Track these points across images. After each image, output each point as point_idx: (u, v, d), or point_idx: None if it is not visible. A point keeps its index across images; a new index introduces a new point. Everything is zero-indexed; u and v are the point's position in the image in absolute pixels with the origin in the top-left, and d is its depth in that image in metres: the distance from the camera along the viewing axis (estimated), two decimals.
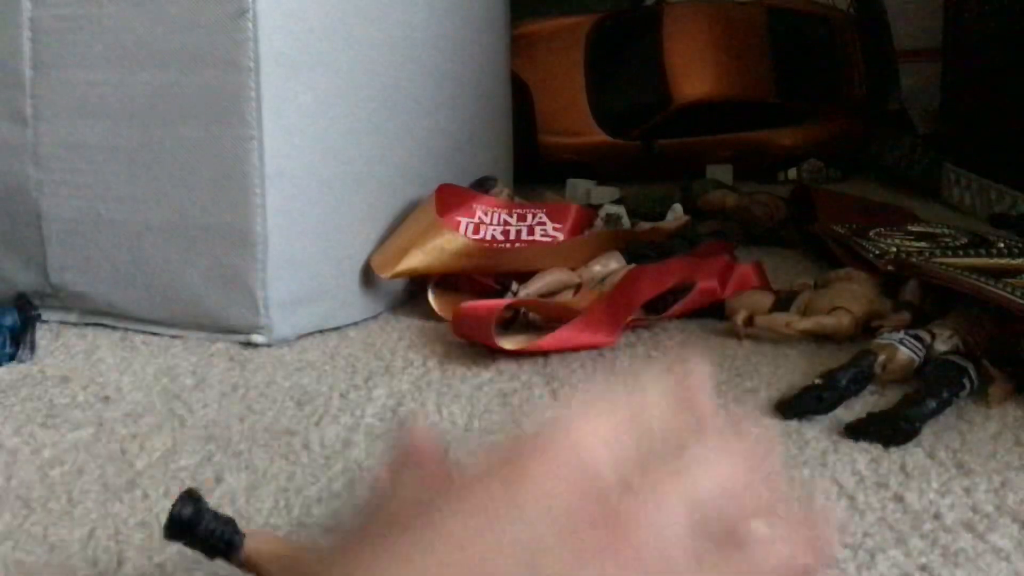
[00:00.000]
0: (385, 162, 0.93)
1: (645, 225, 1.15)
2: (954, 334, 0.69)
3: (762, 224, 1.20)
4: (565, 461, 0.23)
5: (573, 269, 0.92)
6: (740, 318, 0.79)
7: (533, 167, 1.64)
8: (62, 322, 0.85)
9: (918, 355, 0.67)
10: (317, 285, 0.84)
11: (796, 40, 1.84)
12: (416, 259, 0.89)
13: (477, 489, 0.23)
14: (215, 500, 0.51)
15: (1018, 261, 0.84)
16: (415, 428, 0.30)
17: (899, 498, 0.51)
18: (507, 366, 0.73)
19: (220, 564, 0.45)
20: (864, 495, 0.51)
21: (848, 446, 0.57)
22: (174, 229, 0.81)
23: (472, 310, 0.78)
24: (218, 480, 0.55)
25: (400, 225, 0.93)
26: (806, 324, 0.77)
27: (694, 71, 1.79)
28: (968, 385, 0.63)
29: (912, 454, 0.56)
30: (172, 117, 0.79)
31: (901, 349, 0.67)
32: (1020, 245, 0.92)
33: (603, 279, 0.90)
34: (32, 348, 0.77)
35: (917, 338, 0.68)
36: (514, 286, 0.87)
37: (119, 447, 0.60)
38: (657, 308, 0.84)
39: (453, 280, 0.92)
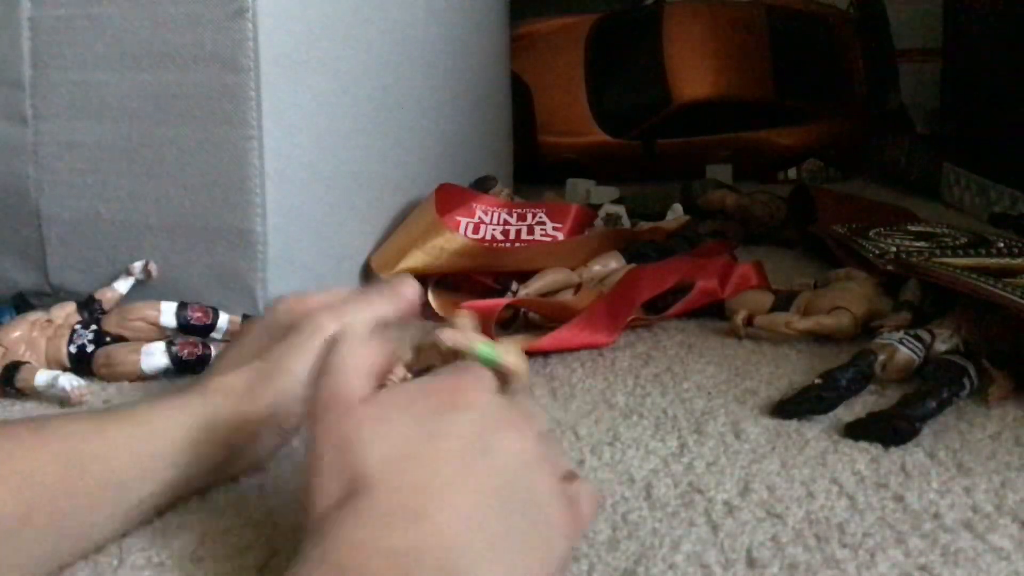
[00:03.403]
0: (385, 162, 0.93)
1: (645, 225, 1.15)
2: (954, 334, 0.69)
3: (762, 224, 1.20)
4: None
5: (573, 269, 0.92)
6: (740, 318, 0.79)
7: (533, 167, 1.64)
8: None
9: (918, 355, 0.67)
10: (317, 285, 0.84)
11: (796, 40, 1.84)
12: (416, 259, 0.89)
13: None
14: (216, 499, 0.51)
15: (1018, 261, 0.84)
16: None
17: (899, 498, 0.51)
18: None
19: (218, 563, 0.45)
20: (864, 495, 0.51)
21: (848, 446, 0.57)
22: (174, 229, 0.81)
23: (472, 310, 0.78)
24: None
25: (400, 225, 0.93)
26: (806, 324, 0.77)
27: (694, 71, 1.79)
28: (968, 385, 0.63)
29: (912, 454, 0.56)
30: (172, 117, 0.79)
31: (901, 349, 0.67)
32: (1020, 245, 0.92)
33: (603, 279, 0.91)
34: None
35: (917, 338, 0.68)
36: (514, 286, 0.87)
37: None
38: (657, 308, 0.84)
39: (453, 280, 0.93)
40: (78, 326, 0.72)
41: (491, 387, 0.40)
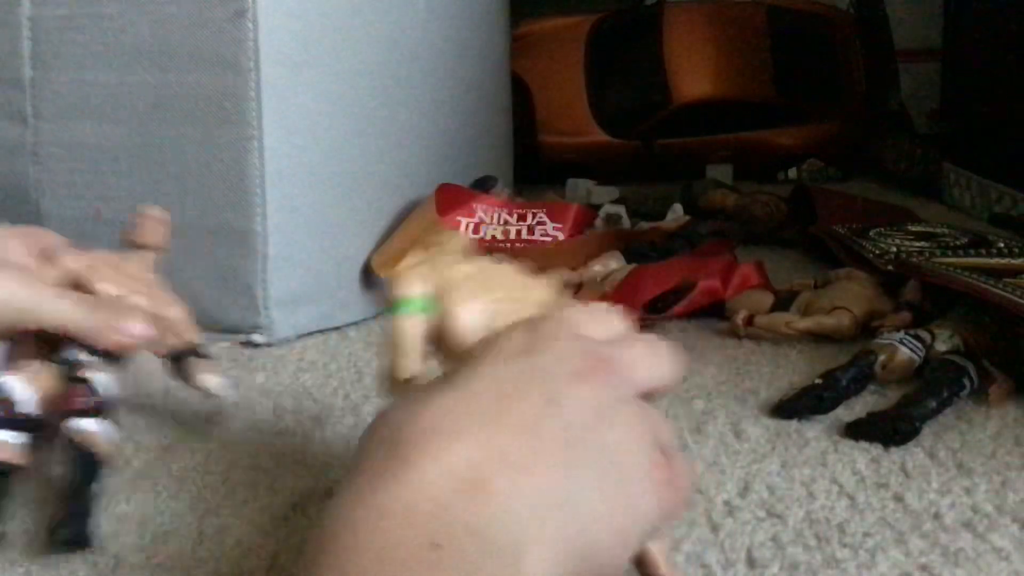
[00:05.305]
0: (385, 162, 0.93)
1: (645, 225, 1.15)
2: (954, 334, 0.69)
3: (762, 224, 1.20)
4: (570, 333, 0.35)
5: (573, 269, 0.92)
6: (740, 318, 0.79)
7: (533, 167, 1.64)
8: None
9: (918, 355, 0.67)
10: (317, 284, 0.84)
11: (796, 40, 1.84)
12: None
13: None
14: (215, 499, 0.52)
15: (1018, 261, 0.84)
16: None
17: (899, 498, 0.51)
18: None
19: (218, 563, 0.45)
20: (864, 495, 0.51)
21: (848, 446, 0.57)
22: (174, 229, 0.81)
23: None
24: (220, 479, 0.55)
25: (400, 225, 0.93)
26: (806, 324, 0.77)
27: (694, 71, 1.79)
28: (968, 385, 0.63)
29: (912, 454, 0.56)
30: (172, 117, 0.79)
31: (901, 349, 0.67)
32: (1020, 245, 0.92)
33: (603, 279, 0.90)
34: None
35: (917, 338, 0.68)
36: None
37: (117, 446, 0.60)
38: (657, 308, 0.84)
39: None
40: None
41: (578, 327, 0.36)
